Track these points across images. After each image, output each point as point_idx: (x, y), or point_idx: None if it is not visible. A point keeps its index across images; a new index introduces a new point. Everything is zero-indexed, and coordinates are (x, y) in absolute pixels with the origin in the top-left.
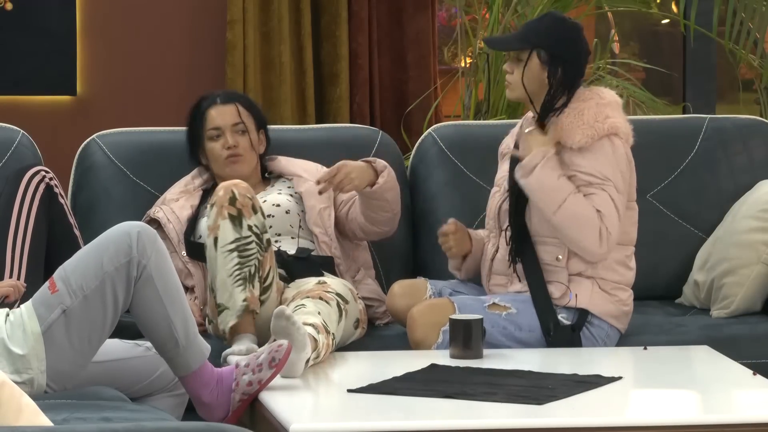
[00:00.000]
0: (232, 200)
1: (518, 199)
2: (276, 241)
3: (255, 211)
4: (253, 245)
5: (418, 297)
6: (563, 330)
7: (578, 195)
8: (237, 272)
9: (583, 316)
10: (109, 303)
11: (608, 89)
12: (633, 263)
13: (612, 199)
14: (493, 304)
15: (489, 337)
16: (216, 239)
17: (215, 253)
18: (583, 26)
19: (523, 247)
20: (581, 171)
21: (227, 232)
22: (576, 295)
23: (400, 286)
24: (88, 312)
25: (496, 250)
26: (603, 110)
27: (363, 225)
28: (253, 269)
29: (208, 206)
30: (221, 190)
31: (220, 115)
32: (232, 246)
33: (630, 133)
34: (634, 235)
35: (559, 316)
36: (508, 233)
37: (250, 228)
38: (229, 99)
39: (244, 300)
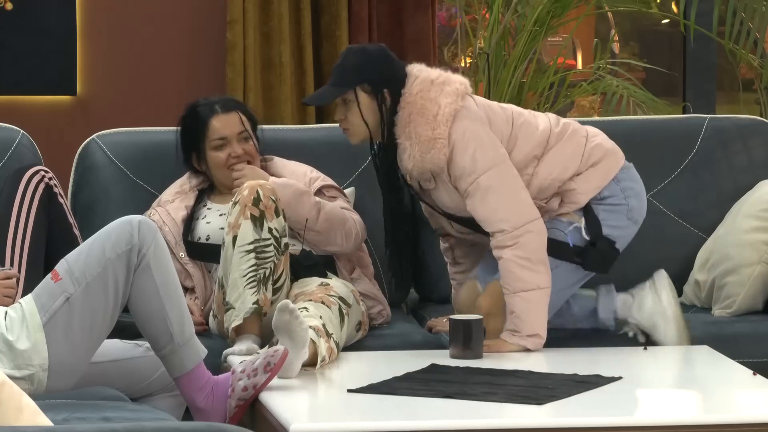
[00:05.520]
0: (256, 201)
1: (451, 215)
2: None
3: (278, 214)
4: (271, 248)
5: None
6: (588, 252)
7: (512, 281)
8: (251, 274)
9: (591, 226)
10: (110, 290)
11: (409, 77)
12: (563, 129)
13: (487, 189)
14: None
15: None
16: (235, 238)
17: (232, 252)
18: (384, 46)
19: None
20: (457, 179)
21: (247, 232)
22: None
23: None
24: (91, 299)
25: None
26: (427, 113)
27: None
28: (267, 272)
29: (231, 203)
30: (246, 189)
31: (225, 125)
32: (250, 247)
33: (462, 83)
34: (541, 134)
35: (573, 244)
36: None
37: (270, 231)
38: (229, 107)
39: (255, 303)
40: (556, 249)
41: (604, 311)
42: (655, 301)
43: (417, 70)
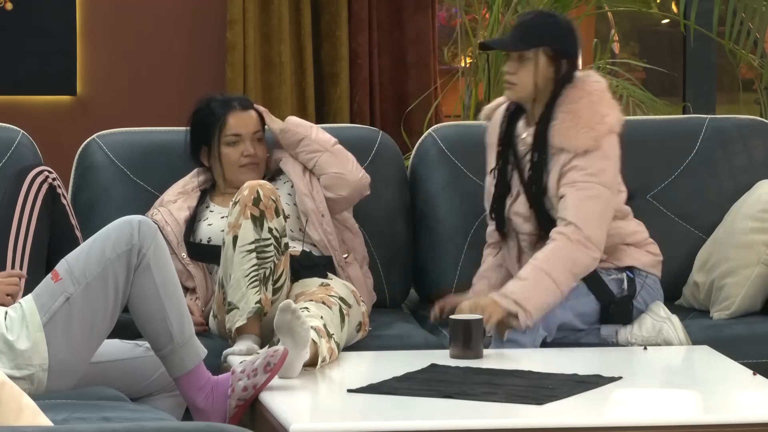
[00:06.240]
0: (257, 201)
1: (536, 194)
2: None
3: (277, 214)
4: (272, 248)
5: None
6: (621, 301)
7: (546, 260)
8: (253, 273)
9: (632, 283)
10: (111, 290)
11: (592, 74)
12: (640, 224)
13: (596, 197)
14: None
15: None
16: (235, 238)
17: (233, 252)
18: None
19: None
20: (575, 168)
21: (248, 232)
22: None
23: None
24: (91, 299)
25: (519, 252)
26: (597, 109)
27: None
28: (268, 271)
29: (231, 203)
30: (246, 189)
31: (242, 122)
32: (252, 247)
33: (621, 119)
34: (626, 209)
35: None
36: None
37: (270, 231)
38: (246, 105)
39: (258, 302)
40: (598, 284)
41: (606, 328)
42: (654, 316)
43: (593, 72)
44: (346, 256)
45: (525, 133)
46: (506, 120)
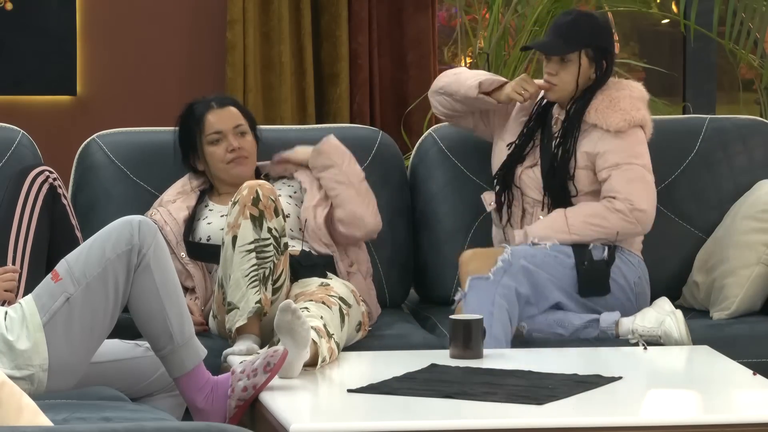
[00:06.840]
0: (256, 201)
1: (558, 167)
2: None
3: (277, 214)
4: (271, 248)
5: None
6: (597, 265)
7: (573, 208)
8: (253, 273)
9: (612, 253)
10: (111, 290)
11: (636, 83)
12: None
13: (643, 173)
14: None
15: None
16: (235, 238)
17: (232, 252)
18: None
19: (562, 204)
20: (612, 152)
21: (247, 232)
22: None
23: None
24: (91, 300)
25: (523, 212)
26: (635, 103)
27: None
28: (267, 271)
29: (230, 203)
30: (245, 189)
31: (220, 119)
32: (251, 246)
33: (651, 127)
34: None
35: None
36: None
37: (269, 230)
38: (225, 102)
39: (257, 302)
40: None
41: (606, 320)
42: (657, 309)
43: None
44: (351, 266)
45: (559, 113)
46: (543, 100)
